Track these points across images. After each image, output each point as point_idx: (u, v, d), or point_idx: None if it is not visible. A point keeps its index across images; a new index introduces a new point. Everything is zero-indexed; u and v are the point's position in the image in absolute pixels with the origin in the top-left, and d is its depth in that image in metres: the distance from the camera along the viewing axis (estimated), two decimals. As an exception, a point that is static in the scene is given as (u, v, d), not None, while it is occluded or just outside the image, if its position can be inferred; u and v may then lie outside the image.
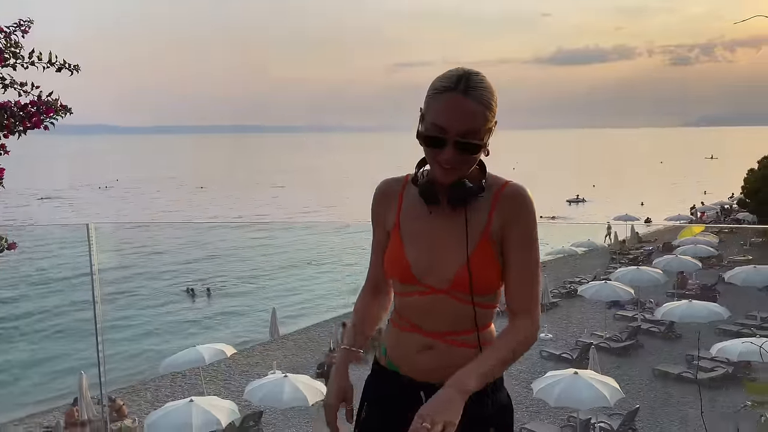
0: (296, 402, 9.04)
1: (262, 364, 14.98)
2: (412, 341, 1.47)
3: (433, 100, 1.35)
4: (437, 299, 1.42)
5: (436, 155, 1.36)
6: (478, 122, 1.34)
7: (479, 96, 1.33)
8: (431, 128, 1.35)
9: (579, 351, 13.94)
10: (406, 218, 1.49)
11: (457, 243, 1.41)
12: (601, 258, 23.75)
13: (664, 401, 11.99)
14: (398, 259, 1.46)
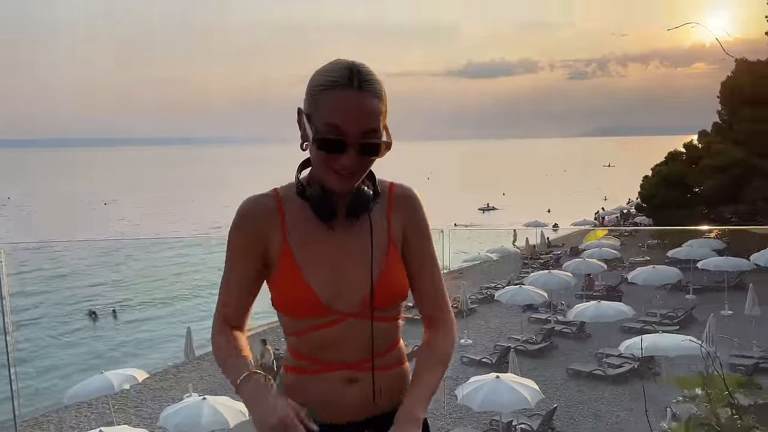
0: (216, 425, 8.63)
1: (177, 388, 14.28)
2: (328, 381, 1.28)
3: (322, 97, 1.17)
4: (349, 325, 1.26)
5: (333, 161, 1.19)
6: (378, 120, 1.19)
7: (374, 89, 1.18)
8: (326, 130, 1.17)
9: (498, 355, 14.29)
10: (296, 240, 1.27)
11: (364, 256, 1.27)
12: (515, 263, 24.59)
13: (578, 399, 12.49)
14: (299, 290, 1.24)
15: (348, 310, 1.25)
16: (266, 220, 1.28)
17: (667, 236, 22.76)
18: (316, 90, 1.19)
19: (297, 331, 1.29)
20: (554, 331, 16.00)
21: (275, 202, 1.30)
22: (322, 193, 1.24)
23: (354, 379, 1.28)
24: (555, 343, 15.50)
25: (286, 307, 1.27)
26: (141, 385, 12.99)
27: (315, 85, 1.20)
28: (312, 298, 1.24)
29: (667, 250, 20.10)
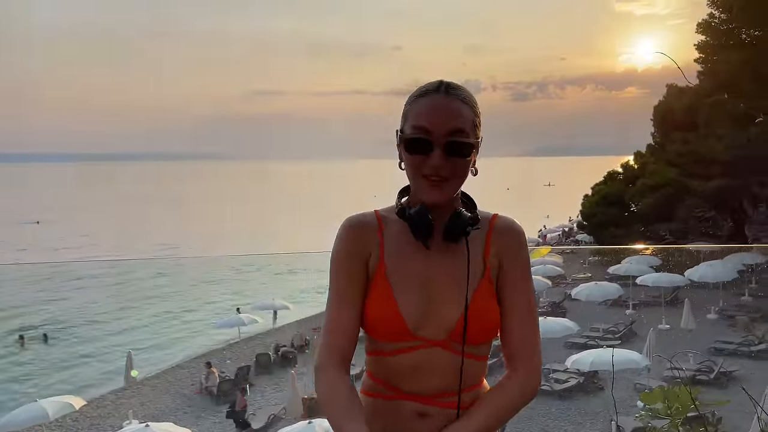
0: (160, 453, 8.30)
1: (116, 415, 13.65)
2: (400, 411, 1.23)
3: (413, 105, 1.22)
4: (432, 353, 1.21)
5: (422, 164, 1.18)
6: (465, 121, 1.20)
7: (461, 95, 1.21)
8: (414, 131, 1.19)
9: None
10: (392, 259, 1.24)
11: (456, 284, 1.22)
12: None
13: (526, 415, 12.64)
14: (390, 311, 1.21)
15: (433, 337, 1.21)
16: (367, 237, 1.26)
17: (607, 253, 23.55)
18: (409, 101, 1.24)
19: (377, 351, 1.25)
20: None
21: (376, 219, 1.28)
22: (421, 212, 1.21)
23: (425, 413, 1.22)
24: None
25: (373, 327, 1.23)
26: (78, 413, 12.37)
27: (409, 99, 1.24)
28: (399, 321, 1.20)
29: (608, 267, 20.78)
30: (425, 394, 1.22)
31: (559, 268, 22.01)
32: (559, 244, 34.34)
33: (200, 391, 14.83)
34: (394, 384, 1.23)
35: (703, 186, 24.87)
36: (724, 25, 24.56)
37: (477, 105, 1.24)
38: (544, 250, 25.09)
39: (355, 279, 1.24)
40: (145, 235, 53.77)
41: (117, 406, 14.36)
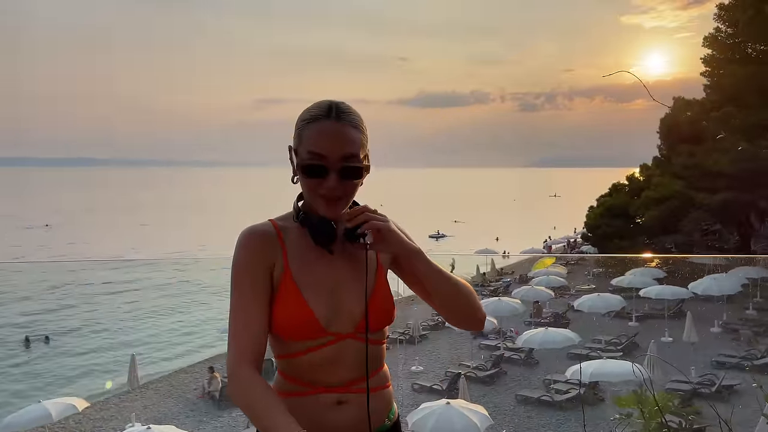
0: (161, 455, 8.38)
1: (119, 418, 13.76)
2: (318, 404, 1.31)
3: (306, 130, 1.29)
4: (344, 346, 1.31)
5: (318, 186, 1.28)
6: (356, 146, 1.29)
7: (352, 119, 1.30)
8: (310, 157, 1.27)
9: (448, 381, 14.37)
10: (296, 264, 1.32)
11: (357, 279, 1.34)
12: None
13: (526, 425, 12.67)
14: (300, 312, 1.29)
15: (343, 331, 1.31)
16: (269, 245, 1.32)
17: (611, 265, 23.54)
18: (301, 125, 1.30)
19: (292, 353, 1.32)
20: (503, 357, 16.22)
21: (274, 228, 1.35)
22: (324, 221, 1.31)
23: (343, 401, 1.32)
24: (504, 369, 15.71)
25: (286, 328, 1.30)
26: (81, 414, 12.48)
27: (300, 121, 1.31)
28: (311, 319, 1.28)
29: (612, 279, 20.78)
30: (340, 384, 1.31)
31: (563, 279, 22.01)
32: (564, 255, 34.28)
33: (203, 396, 14.90)
34: (309, 380, 1.31)
35: (709, 199, 24.86)
36: (730, 40, 24.64)
37: (364, 124, 1.33)
38: (549, 260, 25.06)
39: (258, 285, 1.30)
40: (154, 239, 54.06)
41: (120, 409, 14.47)
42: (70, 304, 27.37)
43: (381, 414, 1.38)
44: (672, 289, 17.99)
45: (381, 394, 1.38)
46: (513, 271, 28.89)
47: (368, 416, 1.32)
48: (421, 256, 1.33)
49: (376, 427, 1.35)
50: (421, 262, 1.33)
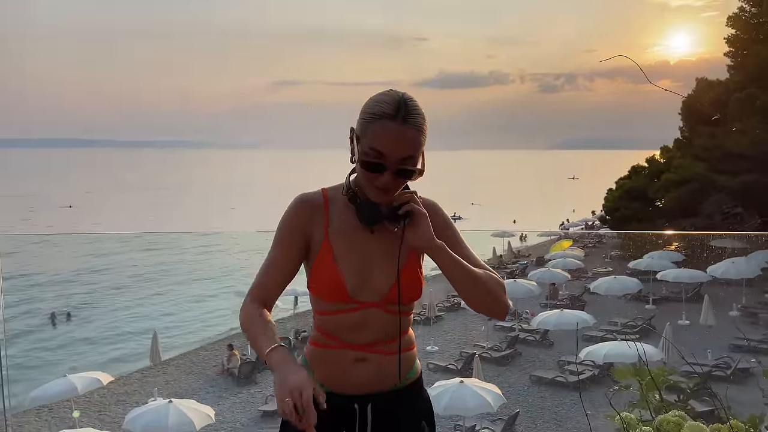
0: (182, 427, 8.65)
1: (141, 392, 14.15)
2: (343, 358, 1.47)
3: (371, 124, 1.37)
4: (368, 313, 1.45)
5: (374, 179, 1.39)
6: (416, 149, 1.38)
7: (416, 123, 1.37)
8: (371, 153, 1.37)
9: (463, 361, 14.53)
10: (335, 234, 1.46)
11: (388, 256, 1.45)
12: (481, 272, 24.86)
13: (540, 405, 12.80)
14: (332, 277, 1.44)
15: (369, 300, 1.45)
16: (313, 213, 1.47)
17: (629, 248, 23.40)
18: (368, 117, 1.39)
19: (324, 311, 1.48)
20: (518, 338, 16.33)
21: (323, 198, 1.50)
22: (370, 205, 1.43)
23: (363, 358, 1.46)
24: (519, 350, 15.82)
25: (319, 290, 1.46)
26: (104, 389, 12.88)
27: (367, 112, 1.39)
28: (340, 286, 1.43)
29: (629, 262, 20.68)
30: (363, 344, 1.46)
31: (580, 262, 21.97)
32: (582, 238, 34.16)
33: (222, 373, 15.25)
34: (338, 336, 1.47)
35: (730, 181, 24.47)
36: (754, 20, 24.07)
37: (426, 124, 1.40)
38: (566, 243, 24.98)
39: (291, 251, 1.47)
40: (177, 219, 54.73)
41: (143, 384, 14.87)
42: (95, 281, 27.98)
43: (402, 372, 1.51)
44: (690, 272, 17.88)
45: (403, 355, 1.51)
46: (530, 253, 28.85)
47: (399, 368, 1.48)
48: (442, 252, 1.43)
49: (395, 383, 1.50)
50: (443, 258, 1.43)
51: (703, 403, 9.77)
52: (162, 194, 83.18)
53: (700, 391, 10.70)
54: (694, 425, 1.58)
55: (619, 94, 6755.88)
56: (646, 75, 1.59)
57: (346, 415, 1.47)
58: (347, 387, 1.47)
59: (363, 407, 1.47)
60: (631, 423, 1.77)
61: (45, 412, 12.98)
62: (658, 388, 2.03)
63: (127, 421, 9.00)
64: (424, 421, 1.56)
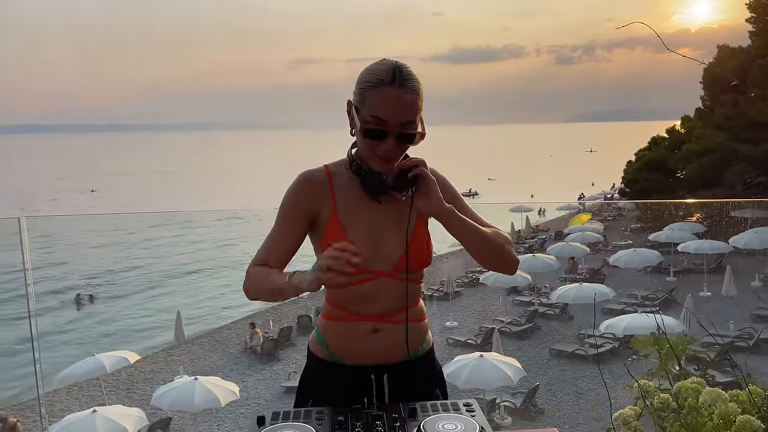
0: (209, 404, 8.87)
1: (168, 370, 14.47)
2: (357, 329, 1.49)
3: (369, 93, 1.38)
4: (380, 283, 1.47)
5: (376, 147, 1.40)
6: (415, 113, 1.39)
7: (413, 86, 1.38)
8: (372, 121, 1.38)
9: (483, 336, 14.61)
10: (342, 208, 1.48)
11: (397, 225, 1.48)
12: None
13: (560, 378, 12.86)
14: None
15: (380, 269, 1.47)
16: (318, 189, 1.49)
17: (649, 220, 23.17)
18: (365, 86, 1.40)
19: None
20: (538, 312, 16.35)
21: (326, 175, 1.51)
22: (375, 175, 1.44)
23: (379, 329, 1.49)
24: (538, 324, 15.85)
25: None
26: (131, 367, 13.18)
27: (363, 82, 1.40)
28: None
29: (649, 234, 20.51)
30: (377, 314, 1.49)
31: (599, 235, 21.83)
32: (601, 211, 33.89)
33: (245, 350, 15.51)
34: (351, 308, 1.50)
35: (752, 150, 24.05)
36: (778, -17, 23.38)
37: (421, 88, 1.42)
38: (585, 216, 24.83)
39: (293, 228, 1.49)
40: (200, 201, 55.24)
41: (168, 362, 15.20)
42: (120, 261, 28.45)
43: (415, 343, 1.54)
44: (711, 243, 17.69)
45: (416, 326, 1.54)
46: (548, 228, 28.73)
47: (406, 338, 1.50)
48: (453, 216, 1.44)
49: (409, 353, 1.52)
50: (453, 221, 1.44)
51: (724, 374, 9.74)
52: (186, 176, 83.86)
53: (721, 362, 10.67)
54: (712, 391, 1.60)
55: (638, 64, 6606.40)
56: (663, 42, 1.58)
57: (363, 386, 1.48)
58: (362, 358, 1.50)
59: (379, 377, 1.49)
60: (649, 390, 1.79)
61: (75, 390, 13.36)
62: (677, 357, 2.04)
63: (154, 398, 9.23)
64: (438, 389, 1.60)
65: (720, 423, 1.55)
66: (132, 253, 29.96)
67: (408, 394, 1.49)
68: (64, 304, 21.94)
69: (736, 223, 18.80)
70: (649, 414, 1.76)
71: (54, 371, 11.42)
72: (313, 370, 1.57)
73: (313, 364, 1.57)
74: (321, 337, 1.55)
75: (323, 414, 1.34)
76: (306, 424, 1.27)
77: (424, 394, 1.54)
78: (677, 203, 26.28)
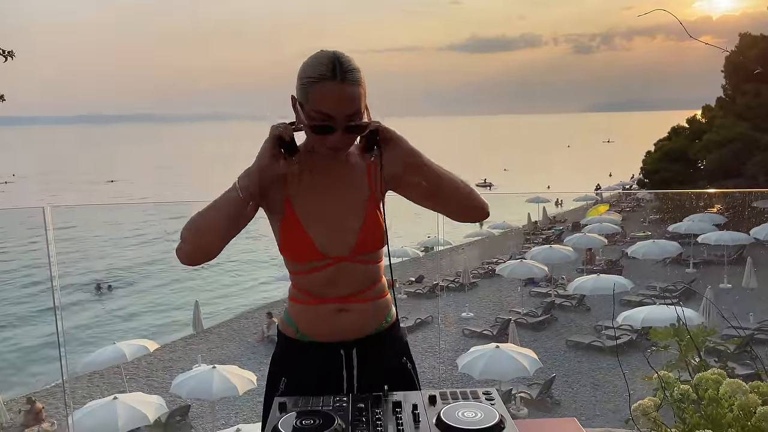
0: (226, 392, 8.98)
1: (186, 359, 14.67)
2: (324, 310, 1.54)
3: (311, 88, 1.40)
4: (341, 267, 1.51)
5: (324, 140, 1.43)
6: (359, 104, 1.42)
7: (354, 78, 1.40)
8: (317, 117, 1.40)
9: (499, 327, 14.60)
10: (295, 194, 1.51)
11: (351, 209, 1.52)
12: (516, 238, 24.83)
13: (577, 369, 12.82)
14: (300, 239, 1.49)
15: (338, 254, 1.50)
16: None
17: (668, 211, 22.92)
18: (306, 82, 1.41)
19: (299, 271, 1.55)
20: (554, 304, 16.29)
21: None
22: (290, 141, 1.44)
23: (343, 309, 1.54)
24: (555, 315, 15.80)
25: (291, 253, 1.53)
26: (151, 356, 13.38)
27: (304, 77, 1.42)
28: (310, 245, 1.49)
29: (669, 225, 20.28)
30: (342, 296, 1.54)
31: (617, 226, 21.64)
32: (619, 202, 33.59)
33: (262, 339, 15.67)
34: (316, 292, 1.54)
35: (775, 141, 23.67)
36: (803, -32, 22.80)
37: (362, 76, 1.43)
38: (602, 207, 24.60)
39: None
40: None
41: (187, 351, 15.41)
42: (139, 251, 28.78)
43: (379, 318, 1.60)
44: (732, 235, 17.46)
45: (378, 302, 1.60)
46: (565, 219, 28.53)
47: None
48: (424, 158, 1.48)
49: (375, 328, 1.58)
50: (431, 169, 1.49)
51: (744, 366, 9.64)
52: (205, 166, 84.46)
53: (741, 354, 10.56)
54: (732, 382, 1.59)
55: (658, 53, 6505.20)
56: (685, 29, 1.56)
57: (333, 360, 1.54)
58: (330, 336, 1.54)
59: (348, 352, 1.55)
60: (669, 382, 1.78)
61: (96, 377, 13.60)
62: (697, 349, 2.03)
63: (174, 386, 9.36)
64: (404, 357, 1.65)
65: (740, 414, 1.54)
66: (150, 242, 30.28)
67: (377, 365, 1.56)
68: (85, 293, 22.28)
69: (757, 214, 18.51)
70: (668, 405, 1.76)
71: (76, 358, 11.64)
72: (283, 350, 1.61)
73: (283, 344, 1.61)
74: (290, 319, 1.59)
75: (342, 401, 1.36)
76: (327, 411, 1.29)
77: (393, 363, 1.61)
78: (697, 193, 25.91)
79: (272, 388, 1.57)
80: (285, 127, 1.42)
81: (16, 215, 26.40)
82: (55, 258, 3.16)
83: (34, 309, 18.86)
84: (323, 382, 1.52)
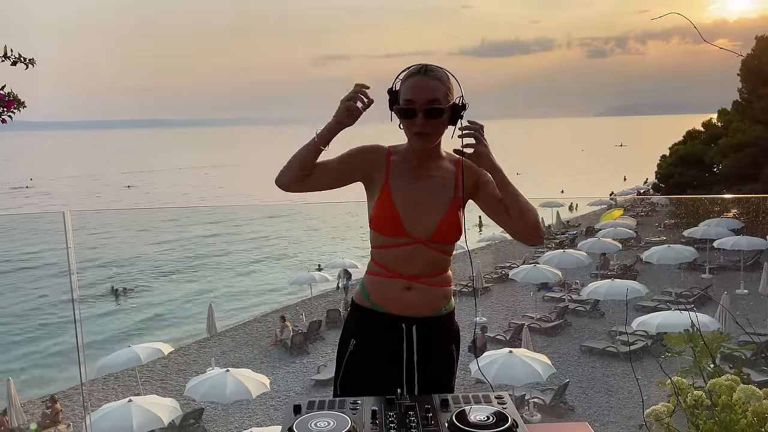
0: (240, 396, 9.03)
1: (200, 362, 14.75)
2: (394, 285, 1.77)
3: (401, 83, 1.72)
4: (417, 248, 1.74)
5: (411, 125, 1.70)
6: (439, 93, 1.68)
7: (436, 74, 1.70)
8: (404, 103, 1.70)
9: (512, 332, 14.53)
10: (394, 180, 1.77)
11: (437, 202, 1.76)
12: (529, 243, 24.62)
13: (590, 375, 12.72)
14: (390, 214, 1.74)
15: (418, 236, 1.74)
16: (378, 158, 1.79)
17: (684, 216, 22.69)
18: (400, 78, 1.73)
19: (379, 245, 1.79)
20: (568, 309, 16.18)
21: (387, 151, 1.81)
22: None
23: (411, 287, 1.76)
24: (569, 320, 15.69)
25: (378, 223, 1.76)
26: (165, 359, 13.48)
27: (398, 78, 1.73)
28: (396, 219, 1.73)
29: (684, 230, 20.06)
30: (412, 275, 1.76)
31: (631, 231, 21.46)
32: (633, 207, 33.32)
33: (275, 343, 15.72)
34: (391, 267, 1.78)
35: (793, 145, 23.37)
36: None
37: (449, 80, 1.71)
38: (617, 212, 24.42)
39: (345, 167, 1.78)
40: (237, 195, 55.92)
41: (200, 354, 15.49)
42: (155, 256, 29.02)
43: (439, 304, 1.81)
44: (749, 240, 17.23)
45: (441, 289, 1.81)
46: (579, 223, 28.34)
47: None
48: (504, 174, 1.73)
49: (434, 312, 1.79)
50: (506, 180, 1.74)
51: (760, 373, 9.53)
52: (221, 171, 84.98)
53: (757, 360, 10.42)
54: (746, 388, 1.58)
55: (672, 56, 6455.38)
56: (700, 33, 1.57)
57: (396, 332, 1.76)
58: (397, 309, 1.76)
59: (409, 328, 1.76)
60: (683, 387, 1.78)
61: (111, 380, 13.72)
62: (711, 355, 2.03)
63: (188, 388, 9.43)
64: (454, 345, 1.85)
65: (754, 420, 1.54)
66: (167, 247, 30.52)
67: (430, 345, 1.77)
68: (101, 296, 22.50)
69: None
70: (682, 411, 1.75)
71: (92, 361, 11.75)
72: (355, 316, 1.84)
73: (355, 312, 1.84)
74: (364, 289, 1.83)
75: (358, 404, 1.38)
76: (341, 413, 1.31)
77: (442, 348, 1.81)
78: (713, 198, 25.63)
79: (343, 348, 1.81)
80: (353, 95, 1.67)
81: (39, 220, 26.69)
82: (75, 265, 3.21)
83: (52, 317, 19.10)
84: (385, 350, 1.75)
